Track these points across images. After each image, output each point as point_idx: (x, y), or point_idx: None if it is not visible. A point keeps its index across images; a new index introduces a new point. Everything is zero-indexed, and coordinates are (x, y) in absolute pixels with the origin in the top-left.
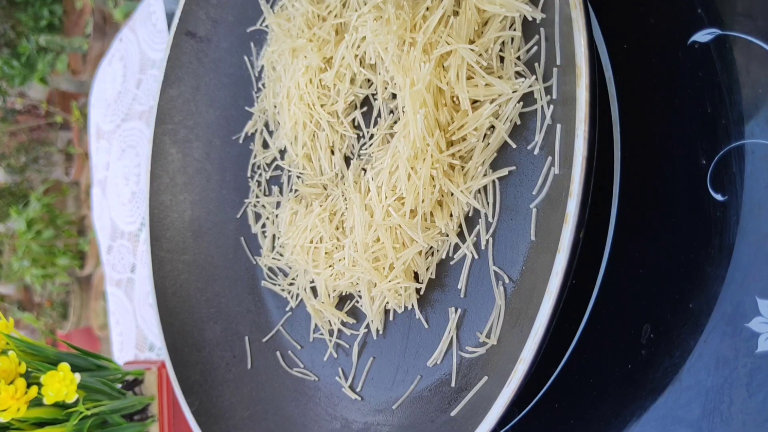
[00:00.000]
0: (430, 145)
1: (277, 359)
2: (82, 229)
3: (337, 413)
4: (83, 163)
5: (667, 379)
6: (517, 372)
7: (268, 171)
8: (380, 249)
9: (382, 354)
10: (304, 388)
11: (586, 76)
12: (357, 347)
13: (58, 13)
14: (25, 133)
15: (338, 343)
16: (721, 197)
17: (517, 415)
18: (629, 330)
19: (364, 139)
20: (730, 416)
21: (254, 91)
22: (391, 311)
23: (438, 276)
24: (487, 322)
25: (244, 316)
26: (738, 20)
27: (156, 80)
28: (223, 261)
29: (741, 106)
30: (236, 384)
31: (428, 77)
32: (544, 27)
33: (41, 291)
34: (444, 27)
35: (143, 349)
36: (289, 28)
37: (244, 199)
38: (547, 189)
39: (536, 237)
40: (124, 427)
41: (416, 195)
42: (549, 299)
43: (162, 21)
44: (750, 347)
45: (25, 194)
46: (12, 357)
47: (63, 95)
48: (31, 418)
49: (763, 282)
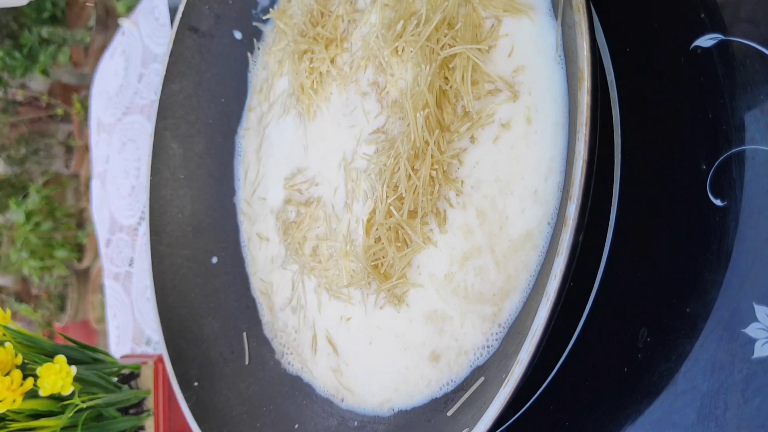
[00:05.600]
0: (430, 145)
1: (274, 356)
2: (80, 221)
3: (333, 410)
4: (83, 156)
5: (662, 383)
6: (514, 373)
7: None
8: (381, 249)
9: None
10: (301, 384)
11: (588, 80)
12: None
13: (61, 5)
14: (25, 124)
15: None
16: (721, 203)
17: (513, 416)
18: (626, 333)
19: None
20: (726, 422)
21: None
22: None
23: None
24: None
25: (242, 312)
26: (741, 26)
27: (158, 74)
28: (223, 256)
29: (742, 111)
30: (233, 379)
31: (430, 78)
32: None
33: (39, 283)
34: (449, 29)
35: (140, 343)
36: (293, 26)
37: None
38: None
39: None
40: (119, 421)
41: (416, 195)
42: (547, 302)
43: (165, 15)
44: (746, 353)
45: (25, 186)
46: (8, 348)
47: (64, 87)
48: (27, 409)
49: (760, 288)
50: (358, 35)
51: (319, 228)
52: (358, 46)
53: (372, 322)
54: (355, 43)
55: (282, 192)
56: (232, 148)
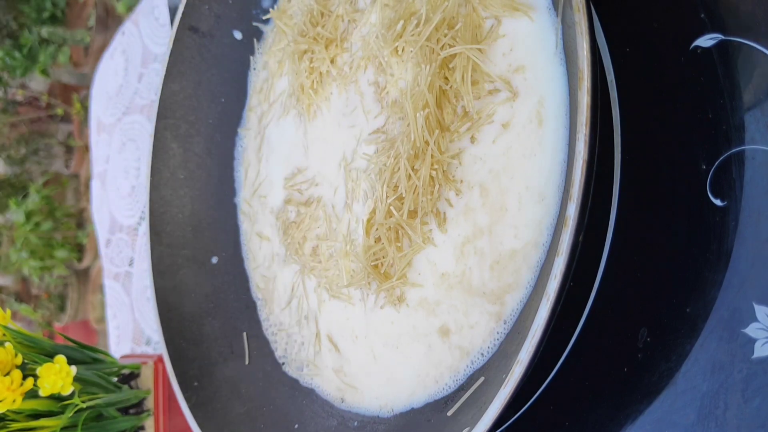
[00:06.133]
0: (430, 145)
1: (275, 356)
2: (80, 221)
3: (333, 410)
4: (83, 156)
5: (662, 383)
6: (514, 373)
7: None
8: (381, 249)
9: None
10: (301, 385)
11: (588, 80)
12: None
13: (61, 4)
14: (25, 124)
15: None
16: (721, 202)
17: (513, 416)
18: (626, 333)
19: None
20: (726, 421)
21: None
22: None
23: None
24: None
25: (242, 312)
26: (741, 26)
27: (158, 74)
28: (223, 256)
29: (742, 111)
30: (233, 379)
31: (430, 78)
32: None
33: (39, 283)
34: (449, 29)
35: (140, 343)
36: (293, 26)
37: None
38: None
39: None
40: (119, 421)
41: (416, 195)
42: (547, 301)
43: (165, 15)
44: (746, 353)
45: (25, 186)
46: (8, 348)
47: (64, 87)
48: (27, 409)
49: (760, 288)
50: (358, 35)
51: (319, 228)
52: (358, 46)
53: (372, 321)
54: (355, 43)
55: (282, 192)
56: (232, 148)
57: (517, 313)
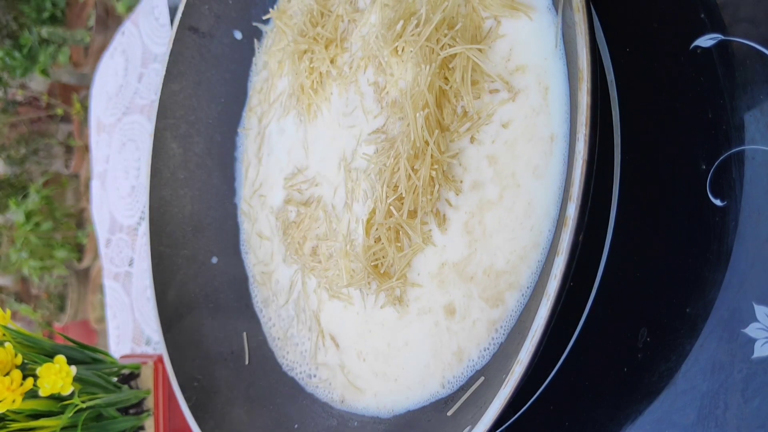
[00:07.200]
0: (429, 145)
1: (274, 356)
2: (80, 221)
3: (333, 410)
4: (83, 156)
5: (662, 383)
6: (514, 373)
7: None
8: (381, 249)
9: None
10: (301, 385)
11: (588, 80)
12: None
13: (61, 5)
14: (25, 124)
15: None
16: (721, 202)
17: (513, 416)
18: (626, 333)
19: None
20: (725, 421)
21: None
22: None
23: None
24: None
25: (242, 312)
26: (741, 26)
27: (158, 74)
28: (223, 256)
29: (742, 111)
30: (233, 380)
31: (429, 78)
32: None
33: (39, 283)
34: (449, 29)
35: (140, 343)
36: (293, 26)
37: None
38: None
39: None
40: (119, 421)
41: (416, 195)
42: (547, 301)
43: (165, 15)
44: (746, 353)
45: (25, 186)
46: (8, 348)
47: (64, 87)
48: (27, 409)
49: (760, 288)
50: (358, 35)
51: (319, 228)
52: (358, 46)
53: (372, 321)
54: (355, 43)
55: (282, 192)
56: (232, 148)
57: (518, 313)
